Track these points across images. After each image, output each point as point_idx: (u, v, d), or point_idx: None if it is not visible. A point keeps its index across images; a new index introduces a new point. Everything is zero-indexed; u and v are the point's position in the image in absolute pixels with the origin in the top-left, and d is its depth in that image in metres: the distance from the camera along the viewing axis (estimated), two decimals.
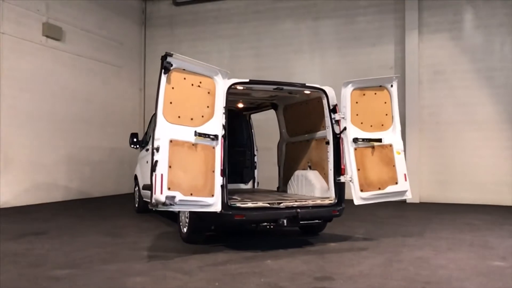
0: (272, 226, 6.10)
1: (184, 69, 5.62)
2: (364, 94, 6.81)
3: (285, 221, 6.04)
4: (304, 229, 7.51)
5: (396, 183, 6.74)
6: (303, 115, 7.77)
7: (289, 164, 8.31)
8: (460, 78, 12.66)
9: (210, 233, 7.33)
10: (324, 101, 6.81)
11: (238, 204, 6.07)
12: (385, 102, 6.90)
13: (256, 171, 9.65)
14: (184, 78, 5.60)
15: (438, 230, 7.99)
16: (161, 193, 5.19)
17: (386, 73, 13.28)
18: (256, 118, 10.06)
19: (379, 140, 6.73)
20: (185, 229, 6.62)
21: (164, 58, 5.42)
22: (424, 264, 5.54)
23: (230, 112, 9.31)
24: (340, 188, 6.69)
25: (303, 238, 7.12)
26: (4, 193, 10.85)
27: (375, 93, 6.87)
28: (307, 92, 7.12)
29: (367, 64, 13.51)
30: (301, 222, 6.27)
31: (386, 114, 6.91)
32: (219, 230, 7.48)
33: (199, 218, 6.24)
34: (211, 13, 15.30)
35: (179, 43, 15.66)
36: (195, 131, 5.52)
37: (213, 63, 14.81)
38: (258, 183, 9.79)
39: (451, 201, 12.41)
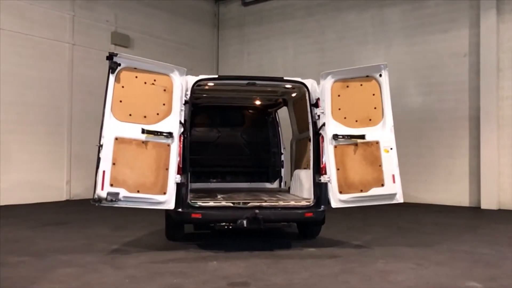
0: (230, 227, 5.87)
1: (135, 68, 5.70)
2: (347, 86, 6.17)
3: (244, 221, 5.75)
4: (301, 232, 7.08)
5: (382, 185, 5.97)
6: (303, 111, 7.30)
7: (295, 163, 7.89)
8: None
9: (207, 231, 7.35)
10: (307, 95, 6.34)
11: (200, 203, 5.98)
12: (374, 94, 6.14)
13: (283, 170, 9.32)
14: (136, 77, 5.69)
15: (462, 242, 6.87)
16: (102, 189, 5.37)
17: (459, 61, 11.81)
18: None
19: (362, 137, 6.02)
20: None
21: (109, 58, 5.57)
22: (378, 279, 4.83)
23: (253, 109, 9.27)
24: (320, 189, 6.14)
25: (289, 240, 6.72)
26: (75, 186, 12.22)
27: (361, 84, 6.16)
28: (288, 86, 6.69)
29: (437, 52, 12.14)
30: (266, 223, 5.91)
31: (375, 108, 6.14)
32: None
33: (167, 216, 6.31)
34: (276, 10, 15.17)
35: (248, 43, 15.87)
36: (142, 129, 5.58)
37: (277, 61, 14.89)
38: (285, 182, 9.46)
39: None
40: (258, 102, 8.87)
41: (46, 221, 8.33)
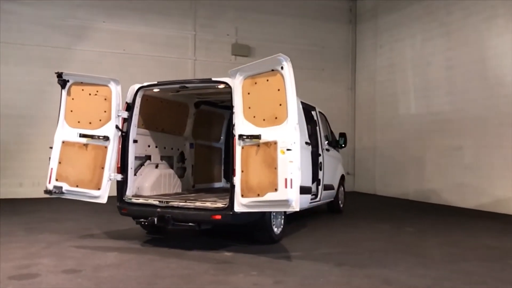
0: (146, 223, 6.24)
1: (82, 82, 6.71)
2: (256, 83, 5.69)
3: (155, 219, 6.06)
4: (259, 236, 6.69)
5: (276, 189, 5.26)
6: None
7: None
8: None
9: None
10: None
11: (134, 200, 6.57)
12: (279, 90, 5.46)
13: (321, 172, 8.73)
14: (82, 90, 6.69)
15: (435, 271, 5.29)
16: (49, 183, 6.60)
17: None
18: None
19: (258, 137, 5.46)
20: None
21: (58, 77, 6.70)
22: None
23: None
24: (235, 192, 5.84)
25: (222, 242, 6.59)
26: None
27: (267, 80, 5.57)
28: (221, 86, 6.49)
29: None
30: (176, 223, 6.04)
31: (280, 105, 5.44)
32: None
33: None
34: None
35: (381, 34, 14.79)
36: (79, 133, 6.55)
37: (406, 51, 13.79)
38: (324, 186, 8.84)
39: None
40: None
41: (99, 211, 9.15)
